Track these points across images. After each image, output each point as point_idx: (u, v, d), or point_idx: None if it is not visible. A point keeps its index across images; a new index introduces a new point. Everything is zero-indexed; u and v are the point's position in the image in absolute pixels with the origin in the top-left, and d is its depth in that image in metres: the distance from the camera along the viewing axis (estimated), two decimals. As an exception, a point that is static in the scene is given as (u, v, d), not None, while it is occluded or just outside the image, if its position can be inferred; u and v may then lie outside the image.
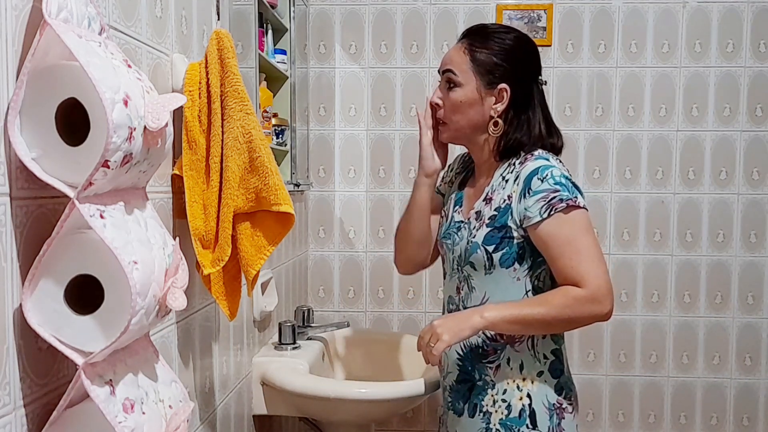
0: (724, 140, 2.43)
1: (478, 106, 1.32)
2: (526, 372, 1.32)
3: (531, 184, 1.26)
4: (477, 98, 1.32)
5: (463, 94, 1.33)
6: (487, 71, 1.31)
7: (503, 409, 1.32)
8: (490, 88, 1.32)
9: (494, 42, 1.33)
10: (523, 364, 1.32)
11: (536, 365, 1.32)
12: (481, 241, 1.31)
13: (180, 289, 0.86)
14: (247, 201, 1.19)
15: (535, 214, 1.25)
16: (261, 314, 1.80)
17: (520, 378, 1.32)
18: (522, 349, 1.32)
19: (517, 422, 1.31)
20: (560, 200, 1.24)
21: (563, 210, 1.24)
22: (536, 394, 1.31)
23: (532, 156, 1.30)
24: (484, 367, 1.34)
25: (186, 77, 1.16)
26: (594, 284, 1.22)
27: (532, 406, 1.31)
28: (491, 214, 1.31)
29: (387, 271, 2.51)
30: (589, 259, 1.24)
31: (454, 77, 1.33)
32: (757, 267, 2.46)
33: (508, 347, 1.32)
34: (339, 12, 2.45)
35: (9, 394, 0.73)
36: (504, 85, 1.31)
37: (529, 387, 1.31)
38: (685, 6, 2.41)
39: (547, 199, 1.24)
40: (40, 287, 0.75)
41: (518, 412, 1.31)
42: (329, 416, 1.82)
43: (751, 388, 2.49)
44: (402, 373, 2.09)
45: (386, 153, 2.49)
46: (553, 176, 1.25)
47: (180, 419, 0.88)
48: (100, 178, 0.74)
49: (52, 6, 0.72)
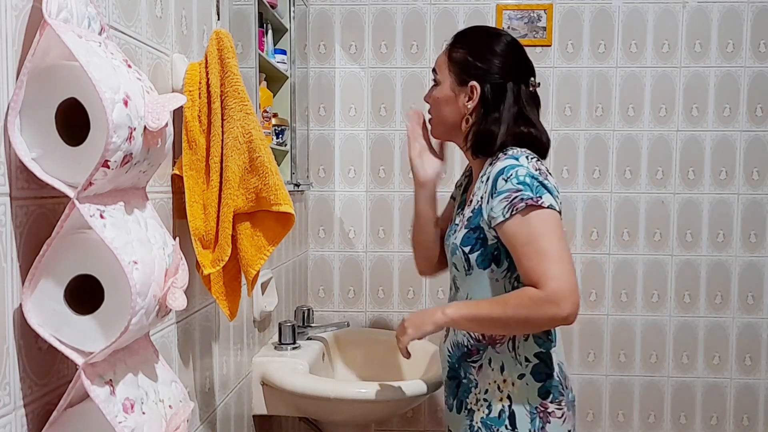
0: (724, 140, 2.43)
1: (453, 104, 1.35)
2: (506, 374, 1.31)
3: (497, 184, 1.25)
4: (452, 96, 1.35)
5: (440, 91, 1.37)
6: (460, 69, 1.34)
7: (484, 408, 1.32)
8: (462, 86, 1.34)
9: (470, 42, 1.36)
10: (503, 365, 1.31)
11: (517, 367, 1.31)
12: (459, 242, 1.32)
13: (180, 289, 0.86)
14: (247, 201, 1.19)
15: (498, 215, 1.24)
16: (261, 314, 1.80)
17: (501, 379, 1.31)
18: (503, 351, 1.31)
19: (496, 422, 1.31)
20: (521, 200, 1.22)
21: (522, 210, 1.22)
22: (516, 396, 1.30)
23: (504, 155, 1.29)
24: (469, 365, 1.35)
25: (186, 77, 1.16)
26: (552, 285, 1.18)
27: (511, 408, 1.30)
28: (468, 216, 1.32)
29: (387, 271, 2.51)
30: (550, 259, 1.20)
31: (435, 76, 1.39)
32: (757, 267, 2.46)
33: (489, 348, 1.32)
34: (339, 12, 2.45)
35: (9, 394, 0.73)
36: (474, 82, 1.32)
37: (510, 389, 1.31)
38: (685, 6, 2.41)
39: (509, 199, 1.23)
40: (40, 287, 0.75)
41: (498, 412, 1.31)
42: (329, 416, 1.82)
43: (751, 388, 2.49)
44: (402, 373, 2.09)
45: (386, 153, 2.49)
46: (517, 176, 1.23)
47: (180, 419, 0.88)
48: (100, 178, 0.74)
49: (52, 6, 0.72)
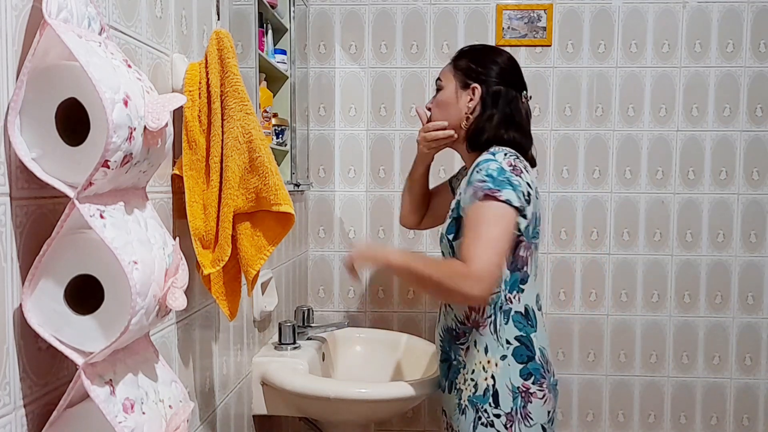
0: (724, 140, 2.43)
1: (455, 105, 1.52)
2: (490, 354, 1.43)
3: (471, 177, 1.39)
4: (454, 98, 1.53)
5: (443, 94, 1.55)
6: (464, 74, 1.52)
7: (471, 387, 1.44)
8: (464, 89, 1.52)
9: (474, 52, 1.56)
10: (487, 347, 1.43)
11: (499, 349, 1.42)
12: (445, 231, 1.48)
13: (180, 289, 0.86)
14: (247, 201, 1.19)
15: (466, 203, 1.39)
16: (261, 314, 1.80)
17: (486, 360, 1.43)
18: (485, 333, 1.44)
19: (481, 400, 1.43)
20: (482, 190, 1.35)
21: (481, 198, 1.35)
22: (499, 376, 1.42)
23: (486, 152, 1.43)
24: (458, 348, 1.48)
25: (186, 77, 1.16)
26: (476, 265, 1.30)
27: (495, 387, 1.41)
28: (453, 206, 1.47)
29: (387, 271, 2.51)
30: (482, 244, 1.32)
31: (439, 83, 1.57)
32: (757, 267, 2.46)
33: (474, 330, 1.45)
34: (339, 12, 2.45)
35: (9, 394, 0.73)
36: (475, 84, 1.50)
37: (493, 369, 1.42)
38: (685, 6, 2.41)
39: (474, 189, 1.37)
40: (40, 287, 0.75)
41: (483, 390, 1.42)
42: (329, 416, 1.82)
43: (751, 388, 2.49)
44: (402, 373, 2.09)
45: (386, 153, 2.49)
46: (487, 169, 1.37)
47: (180, 419, 0.88)
48: (100, 178, 0.74)
49: (52, 6, 0.72)
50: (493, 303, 1.42)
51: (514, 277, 1.43)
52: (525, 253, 1.43)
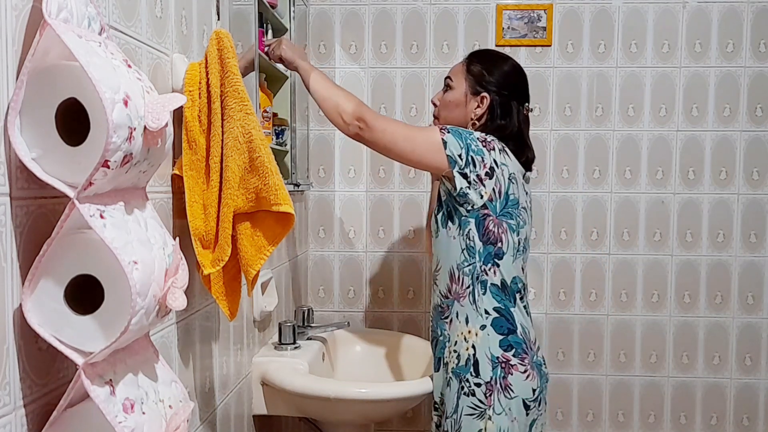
0: (724, 140, 2.43)
1: (462, 108, 1.59)
2: (471, 325, 1.49)
3: None
4: (462, 101, 1.59)
5: (452, 95, 1.61)
6: (475, 80, 1.58)
7: (455, 358, 1.50)
8: (474, 94, 1.58)
9: (488, 59, 1.61)
10: (468, 317, 1.50)
11: (479, 319, 1.49)
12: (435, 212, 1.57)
13: (180, 289, 0.86)
14: (247, 201, 1.19)
15: None
16: (261, 314, 1.80)
17: (467, 330, 1.49)
18: (465, 304, 1.50)
19: (463, 370, 1.48)
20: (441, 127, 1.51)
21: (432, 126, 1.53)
22: (479, 346, 1.47)
23: None
24: (444, 323, 1.55)
25: (186, 77, 1.16)
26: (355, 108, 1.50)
27: (475, 356, 1.47)
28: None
29: (387, 271, 2.51)
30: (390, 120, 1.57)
31: (450, 82, 1.62)
32: (757, 267, 2.46)
33: (455, 303, 1.51)
34: (339, 12, 2.45)
35: (9, 394, 0.73)
36: (485, 93, 1.56)
37: (474, 339, 1.48)
38: (685, 6, 2.41)
39: None
40: (40, 287, 0.75)
41: (465, 361, 1.48)
42: (329, 416, 1.82)
43: (751, 388, 2.49)
44: (402, 373, 2.09)
45: (386, 153, 2.48)
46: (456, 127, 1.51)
47: (180, 419, 0.88)
48: (100, 178, 0.74)
49: (52, 6, 0.72)
50: (471, 273, 1.49)
51: (488, 250, 1.49)
52: (496, 229, 1.49)
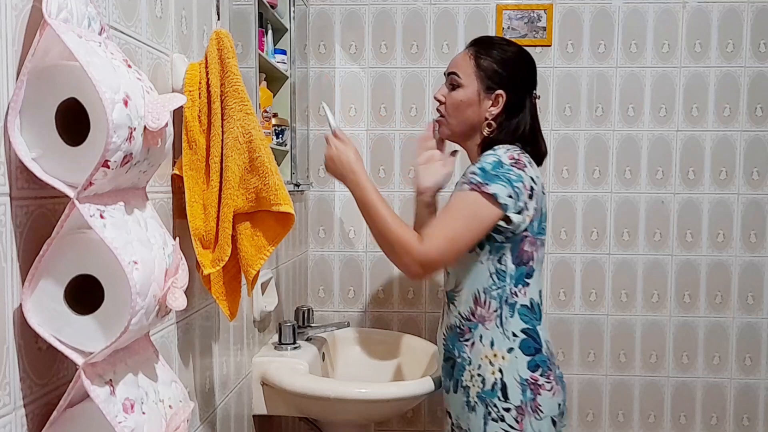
0: (724, 140, 2.43)
1: (476, 107, 1.46)
2: (496, 348, 1.41)
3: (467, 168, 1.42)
4: (475, 100, 1.46)
5: (464, 94, 1.46)
6: (488, 77, 1.45)
7: (479, 382, 1.42)
8: (488, 93, 1.45)
9: (497, 52, 1.47)
10: (493, 341, 1.42)
11: (506, 342, 1.41)
12: None
13: (180, 289, 0.86)
14: (247, 201, 1.19)
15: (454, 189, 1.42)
16: (261, 314, 1.80)
17: (492, 353, 1.41)
18: (491, 327, 1.42)
19: (490, 394, 1.41)
20: (470, 182, 1.36)
21: (467, 189, 1.36)
22: (507, 369, 1.40)
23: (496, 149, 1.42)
24: (462, 345, 1.46)
25: (186, 77, 1.16)
26: (426, 249, 1.33)
27: (503, 380, 1.40)
28: None
29: (387, 271, 2.51)
30: (445, 234, 1.34)
31: (457, 79, 1.47)
32: (757, 267, 2.46)
33: (479, 326, 1.43)
34: (339, 12, 2.45)
35: (9, 394, 0.73)
36: (501, 91, 1.45)
37: (500, 362, 1.41)
38: (685, 6, 2.41)
39: (463, 177, 1.40)
40: (40, 287, 0.75)
41: (491, 385, 1.41)
42: (329, 416, 1.82)
43: (751, 388, 2.49)
44: (402, 373, 2.09)
45: (386, 153, 2.49)
46: (483, 162, 1.38)
47: (180, 419, 0.88)
48: (100, 178, 0.74)
49: (52, 6, 0.72)
50: (499, 297, 1.41)
51: (520, 271, 1.42)
52: (530, 249, 1.42)
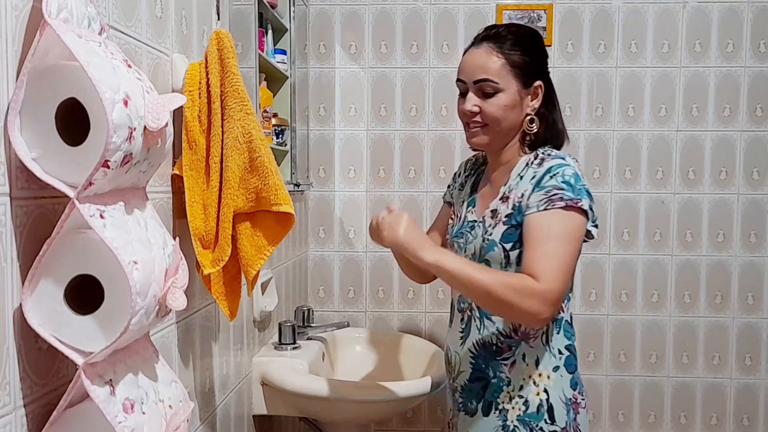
0: (724, 140, 2.43)
1: (518, 108, 1.32)
2: (542, 367, 1.30)
3: (542, 181, 1.26)
4: (518, 100, 1.31)
5: (507, 98, 1.30)
6: (523, 72, 1.31)
7: (520, 405, 1.30)
8: (527, 88, 1.32)
9: (520, 41, 1.32)
10: (538, 359, 1.30)
11: (552, 360, 1.31)
12: (499, 239, 1.29)
13: (180, 289, 0.86)
14: (247, 201, 1.19)
15: (533, 205, 1.24)
16: (261, 314, 1.80)
17: (536, 373, 1.30)
18: (536, 345, 1.31)
19: (535, 417, 1.29)
20: (560, 198, 1.22)
21: (563, 208, 1.22)
22: (553, 389, 1.30)
23: (549, 157, 1.30)
24: (499, 364, 1.32)
25: (186, 77, 1.16)
26: (549, 285, 1.17)
27: (549, 401, 1.29)
28: (508, 212, 1.30)
29: (387, 271, 2.51)
30: (560, 264, 1.19)
31: (494, 84, 1.30)
32: (757, 267, 2.46)
33: (522, 343, 1.31)
34: (339, 12, 2.45)
35: (9, 394, 0.73)
36: (539, 81, 1.32)
37: (546, 382, 1.30)
38: (685, 6, 2.41)
39: (548, 194, 1.23)
40: (40, 287, 0.75)
41: (536, 407, 1.29)
42: (329, 416, 1.82)
43: (751, 388, 2.49)
44: (402, 373, 2.09)
45: (386, 153, 2.49)
46: (563, 175, 1.24)
47: (180, 419, 0.88)
48: (100, 178, 0.74)
49: (52, 6, 0.72)
50: None
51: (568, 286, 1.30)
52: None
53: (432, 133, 2.46)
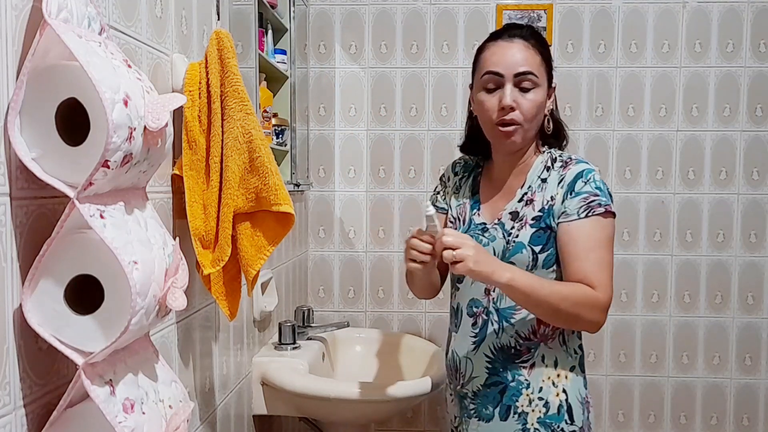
0: (724, 140, 2.43)
1: (543, 107, 1.32)
2: (560, 368, 1.32)
3: (575, 186, 1.28)
4: (546, 99, 1.33)
5: (542, 94, 1.31)
6: (549, 71, 1.33)
7: (541, 407, 1.31)
8: (550, 86, 1.34)
9: (544, 42, 1.34)
10: (557, 360, 1.32)
11: (569, 360, 1.33)
12: (527, 241, 1.29)
13: (180, 289, 0.86)
14: (247, 201, 1.19)
15: (573, 212, 1.27)
16: (261, 314, 1.80)
17: (555, 374, 1.32)
18: (555, 346, 1.32)
19: (556, 419, 1.30)
20: (599, 204, 1.26)
21: (602, 214, 1.26)
22: (570, 389, 1.32)
23: (571, 160, 1.33)
24: (517, 367, 1.32)
25: (186, 77, 1.16)
26: (608, 294, 1.25)
27: (568, 401, 1.31)
28: (535, 215, 1.30)
29: (387, 271, 2.51)
30: (609, 271, 1.27)
31: (534, 79, 1.28)
32: (757, 267, 2.46)
33: (541, 345, 1.32)
34: (339, 12, 2.45)
35: (9, 394, 0.73)
36: (555, 82, 1.36)
37: (564, 382, 1.32)
38: (685, 6, 2.41)
39: (587, 201, 1.27)
40: (40, 287, 0.75)
41: (557, 408, 1.30)
42: (329, 416, 1.82)
43: (751, 388, 2.49)
44: (402, 373, 2.09)
45: (386, 153, 2.49)
46: (594, 180, 1.28)
47: (180, 419, 0.88)
48: (100, 178, 0.74)
49: (52, 6, 0.72)
50: None
51: None
52: None
53: (432, 133, 2.46)
